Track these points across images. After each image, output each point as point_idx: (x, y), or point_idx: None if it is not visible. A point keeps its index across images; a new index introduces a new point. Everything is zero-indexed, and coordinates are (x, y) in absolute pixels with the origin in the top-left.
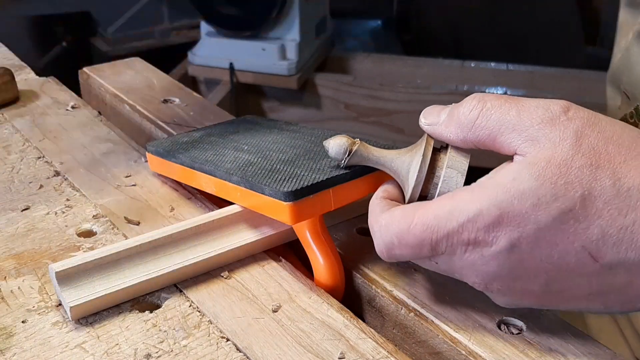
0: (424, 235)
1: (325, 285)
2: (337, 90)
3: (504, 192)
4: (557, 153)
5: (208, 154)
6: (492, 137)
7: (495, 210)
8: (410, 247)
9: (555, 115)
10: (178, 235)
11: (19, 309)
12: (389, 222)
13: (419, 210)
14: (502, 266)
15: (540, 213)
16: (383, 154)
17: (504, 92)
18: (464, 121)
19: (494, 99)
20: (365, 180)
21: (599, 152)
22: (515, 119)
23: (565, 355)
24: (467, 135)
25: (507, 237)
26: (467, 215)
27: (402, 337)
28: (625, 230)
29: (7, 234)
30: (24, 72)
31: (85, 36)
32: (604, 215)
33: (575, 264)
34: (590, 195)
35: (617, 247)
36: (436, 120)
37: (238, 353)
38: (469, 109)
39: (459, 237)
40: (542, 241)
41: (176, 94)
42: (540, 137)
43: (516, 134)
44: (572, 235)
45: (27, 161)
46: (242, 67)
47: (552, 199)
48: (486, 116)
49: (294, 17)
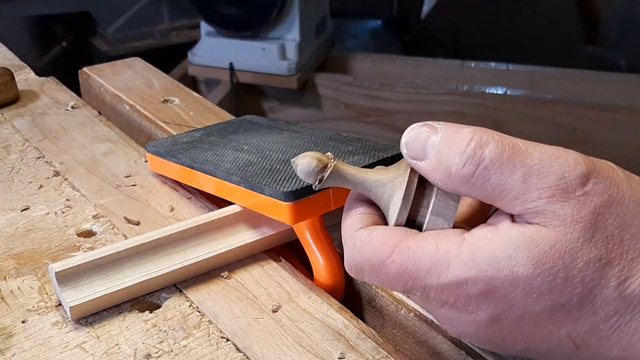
0: (399, 277)
1: (325, 285)
2: (337, 90)
3: (495, 269)
4: (565, 238)
5: (208, 154)
6: (489, 199)
7: (482, 285)
8: (380, 281)
9: (571, 188)
10: (178, 235)
11: (19, 309)
12: (364, 243)
13: (400, 245)
14: (478, 332)
15: (530, 301)
16: (362, 179)
17: (504, 92)
18: (455, 175)
19: (494, 150)
20: None
21: (612, 244)
22: (520, 185)
23: None
24: (457, 189)
25: (489, 311)
26: (449, 279)
27: (402, 337)
28: (615, 329)
29: (7, 234)
30: (24, 72)
31: (85, 36)
32: (598, 313)
33: (556, 345)
34: (590, 294)
35: (603, 342)
36: (421, 155)
37: (238, 353)
38: (461, 160)
39: (437, 294)
40: (526, 321)
41: (176, 94)
42: (548, 213)
43: (518, 203)
44: (559, 324)
45: (27, 161)
46: (242, 67)
47: (548, 291)
48: (483, 177)
49: (294, 17)
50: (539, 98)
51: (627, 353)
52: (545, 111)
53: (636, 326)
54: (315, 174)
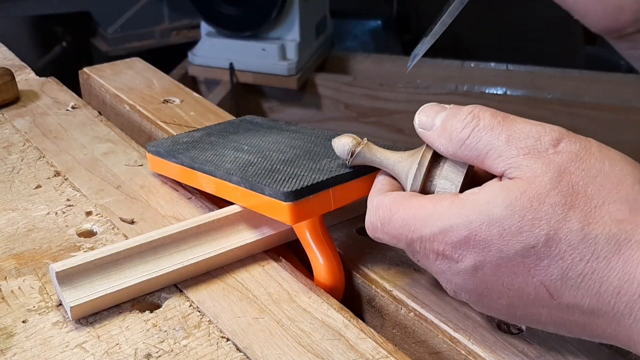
0: (402, 230)
1: (325, 285)
2: (337, 90)
3: (476, 213)
4: (533, 186)
5: (208, 154)
6: (480, 159)
7: (464, 230)
8: (389, 236)
9: (544, 148)
10: (178, 235)
11: (20, 309)
12: (378, 205)
13: (405, 203)
14: (467, 282)
15: (504, 243)
16: (386, 157)
17: (504, 92)
18: (455, 137)
19: (489, 118)
20: (365, 180)
21: (576, 192)
22: (504, 145)
23: (565, 355)
24: (456, 152)
25: (472, 257)
26: (439, 227)
27: (401, 337)
28: (584, 277)
29: (7, 234)
30: (24, 72)
31: (85, 36)
32: (565, 258)
33: (534, 296)
34: (555, 236)
35: (574, 290)
36: (430, 124)
37: (238, 353)
38: (462, 125)
39: (430, 244)
40: (503, 268)
41: (176, 94)
42: (523, 167)
43: (501, 160)
44: (532, 270)
45: (27, 161)
46: (242, 67)
47: (517, 231)
48: (476, 137)
49: (294, 17)
50: (539, 98)
51: (598, 304)
52: (545, 111)
53: (602, 275)
54: (349, 149)
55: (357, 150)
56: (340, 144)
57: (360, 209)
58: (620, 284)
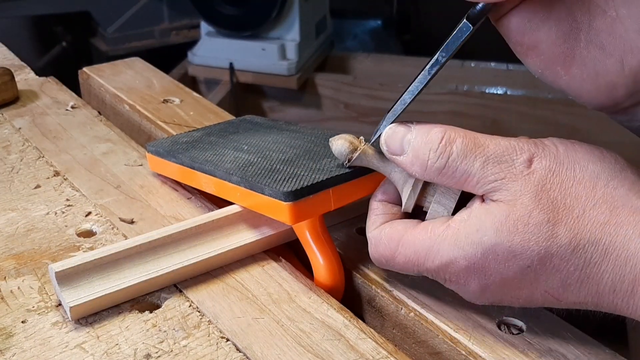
0: (407, 266)
1: (325, 285)
2: (337, 90)
3: (469, 244)
4: (516, 208)
5: (208, 154)
6: (459, 184)
7: (462, 262)
8: (397, 270)
9: (519, 170)
10: (178, 235)
11: (19, 309)
12: (377, 243)
13: (401, 240)
14: (479, 298)
15: (501, 267)
16: (383, 164)
17: (504, 92)
18: (429, 167)
19: (460, 145)
20: (365, 180)
21: (557, 207)
22: (479, 171)
23: (565, 355)
24: (433, 179)
25: (476, 282)
26: (440, 261)
27: (402, 337)
28: (581, 282)
29: (7, 234)
30: (23, 72)
31: (85, 36)
32: (561, 270)
33: (542, 301)
34: (547, 254)
35: (575, 293)
36: (399, 151)
37: (238, 353)
38: (435, 155)
39: (437, 274)
40: (508, 286)
41: (176, 94)
42: (502, 191)
43: (480, 186)
44: (534, 283)
45: (27, 161)
46: (242, 67)
47: (511, 256)
48: (452, 168)
49: (294, 17)
50: (539, 98)
51: (599, 300)
52: (545, 111)
53: (597, 279)
54: (346, 155)
55: (353, 157)
56: (337, 148)
57: (360, 209)
58: (614, 284)
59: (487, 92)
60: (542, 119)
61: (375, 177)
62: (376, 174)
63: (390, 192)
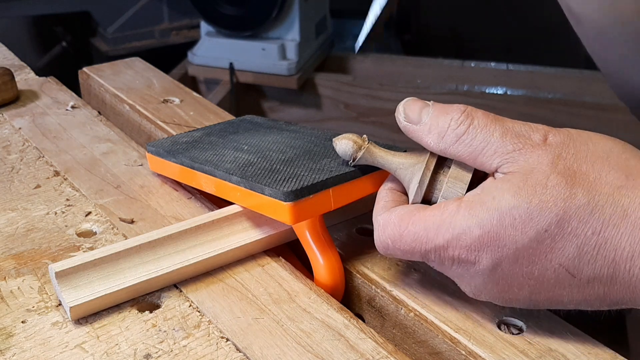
0: (414, 244)
1: (325, 285)
2: (337, 90)
3: (484, 210)
4: (533, 174)
5: (208, 154)
6: (473, 155)
7: (477, 230)
8: (402, 251)
9: (536, 144)
10: (178, 235)
11: (19, 309)
12: (385, 224)
13: (412, 218)
14: (487, 281)
15: (518, 233)
16: (388, 161)
17: (504, 92)
18: (449, 134)
19: (482, 117)
20: (365, 180)
21: (573, 172)
22: (499, 141)
23: (565, 355)
24: (447, 148)
25: (488, 257)
26: (452, 233)
27: (402, 337)
28: (599, 249)
29: (7, 234)
30: (23, 72)
31: (85, 36)
32: (579, 234)
33: (555, 280)
34: (565, 215)
35: (592, 264)
36: (417, 119)
37: (238, 353)
38: (456, 122)
39: (445, 252)
40: (521, 259)
41: (176, 94)
42: (520, 161)
43: (497, 156)
44: (549, 254)
45: (27, 161)
46: (242, 67)
47: (528, 218)
48: (472, 134)
49: (294, 17)
50: (539, 98)
51: (615, 271)
52: (545, 111)
53: (615, 242)
54: (351, 154)
55: (358, 156)
56: (342, 148)
57: (361, 209)
58: (632, 249)
59: (487, 92)
60: (542, 119)
61: (376, 177)
62: (376, 174)
63: (399, 183)
